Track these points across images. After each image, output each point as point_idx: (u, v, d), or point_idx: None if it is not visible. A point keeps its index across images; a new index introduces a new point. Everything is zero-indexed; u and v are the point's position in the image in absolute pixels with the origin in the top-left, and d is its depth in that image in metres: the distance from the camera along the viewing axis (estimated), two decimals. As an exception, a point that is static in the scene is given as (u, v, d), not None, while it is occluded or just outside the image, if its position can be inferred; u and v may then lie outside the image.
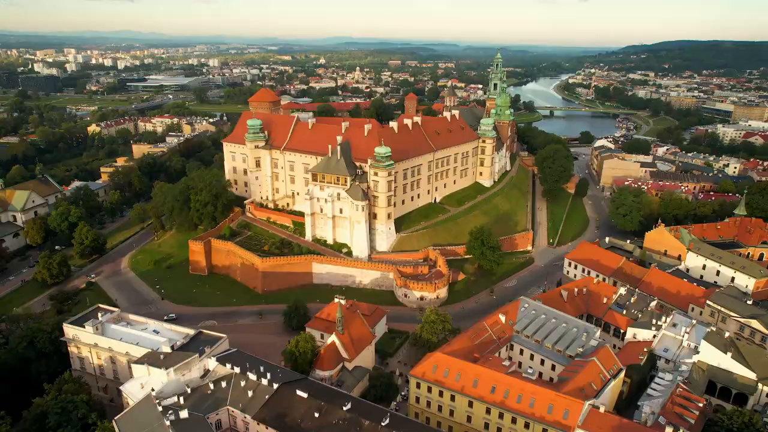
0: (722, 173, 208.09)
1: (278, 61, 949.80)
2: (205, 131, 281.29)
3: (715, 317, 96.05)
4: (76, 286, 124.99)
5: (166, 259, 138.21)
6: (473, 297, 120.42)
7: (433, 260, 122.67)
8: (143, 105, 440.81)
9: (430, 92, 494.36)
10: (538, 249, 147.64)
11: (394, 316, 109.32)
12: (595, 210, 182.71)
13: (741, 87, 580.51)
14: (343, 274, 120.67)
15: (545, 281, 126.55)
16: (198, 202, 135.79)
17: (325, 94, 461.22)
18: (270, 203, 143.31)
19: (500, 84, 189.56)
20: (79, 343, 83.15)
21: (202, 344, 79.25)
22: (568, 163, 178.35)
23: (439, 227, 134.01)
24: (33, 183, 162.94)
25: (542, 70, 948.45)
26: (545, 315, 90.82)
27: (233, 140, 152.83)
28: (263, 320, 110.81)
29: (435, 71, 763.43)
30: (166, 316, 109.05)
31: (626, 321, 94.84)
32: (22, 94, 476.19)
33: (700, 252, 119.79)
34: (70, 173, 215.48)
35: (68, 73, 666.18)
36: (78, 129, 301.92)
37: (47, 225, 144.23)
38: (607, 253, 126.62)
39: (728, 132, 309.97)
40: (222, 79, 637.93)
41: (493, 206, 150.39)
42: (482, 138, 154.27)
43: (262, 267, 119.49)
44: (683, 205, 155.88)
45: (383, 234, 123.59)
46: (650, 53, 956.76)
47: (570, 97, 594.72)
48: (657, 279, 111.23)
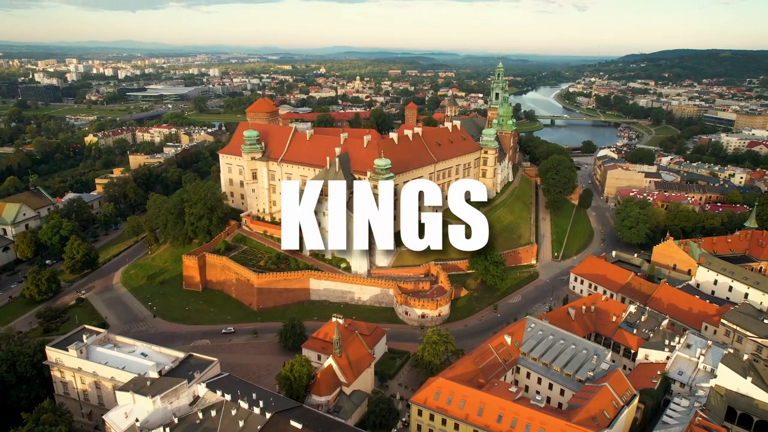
0: (728, 183, 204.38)
1: (278, 70, 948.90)
2: (203, 141, 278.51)
3: (731, 337, 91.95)
4: (65, 302, 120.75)
5: (160, 274, 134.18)
6: (476, 314, 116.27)
7: (434, 276, 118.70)
8: (142, 114, 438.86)
9: (431, 101, 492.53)
10: (543, 262, 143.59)
11: (395, 335, 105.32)
12: (600, 221, 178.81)
13: (741, 96, 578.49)
14: (342, 291, 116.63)
15: (551, 297, 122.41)
16: (192, 215, 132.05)
17: (324, 104, 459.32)
18: (267, 216, 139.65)
19: (502, 93, 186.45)
20: (62, 367, 79.01)
21: (191, 368, 75.40)
22: (571, 174, 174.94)
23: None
24: (25, 195, 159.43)
25: (542, 79, 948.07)
26: (553, 336, 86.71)
27: (230, 151, 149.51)
28: (258, 339, 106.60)
29: (435, 80, 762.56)
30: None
31: (637, 341, 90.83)
32: (22, 104, 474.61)
33: (711, 267, 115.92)
34: (65, 184, 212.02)
35: (68, 83, 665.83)
36: (75, 139, 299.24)
37: (38, 239, 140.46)
38: (614, 268, 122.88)
39: (732, 141, 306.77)
40: (222, 89, 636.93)
41: (495, 218, 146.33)
42: (484, 149, 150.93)
43: (257, 283, 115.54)
44: (691, 216, 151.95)
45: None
46: (649, 62, 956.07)
47: (571, 106, 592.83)
48: (667, 295, 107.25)
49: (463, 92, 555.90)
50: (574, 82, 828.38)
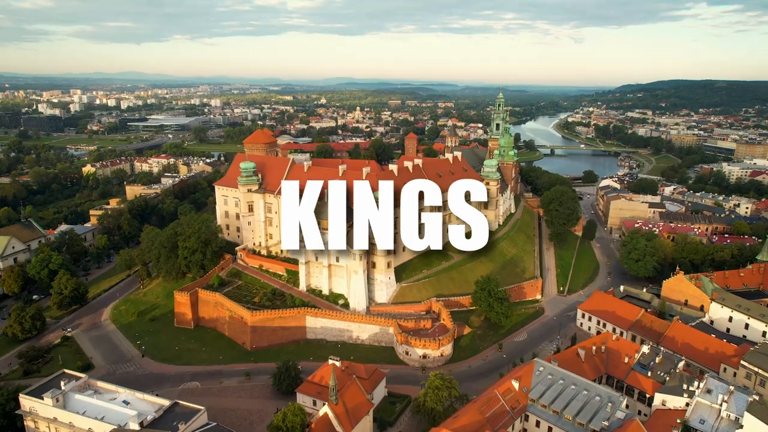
0: (734, 213, 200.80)
1: (280, 101, 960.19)
2: (201, 172, 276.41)
3: (752, 380, 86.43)
4: (50, 341, 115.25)
5: (151, 310, 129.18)
6: (480, 353, 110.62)
7: (436, 313, 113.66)
8: (142, 145, 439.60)
9: (431, 131, 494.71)
10: (548, 297, 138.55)
11: (395, 376, 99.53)
12: (605, 253, 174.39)
13: (739, 125, 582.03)
14: (339, 329, 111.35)
15: (558, 335, 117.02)
16: (186, 249, 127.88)
17: (325, 134, 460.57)
18: (263, 249, 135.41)
19: (503, 124, 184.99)
20: (36, 417, 73.51)
21: (176, 418, 70.20)
22: (575, 205, 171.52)
23: (442, 276, 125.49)
24: (15, 227, 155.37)
25: (540, 108, 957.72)
26: (563, 380, 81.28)
27: (226, 183, 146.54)
28: (251, 381, 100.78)
29: (435, 110, 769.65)
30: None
31: (652, 384, 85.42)
32: (23, 135, 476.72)
33: (725, 303, 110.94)
34: (60, 215, 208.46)
35: (71, 113, 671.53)
36: (72, 169, 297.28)
37: (26, 273, 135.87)
38: (623, 304, 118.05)
39: (734, 170, 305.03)
40: (223, 119, 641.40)
41: (498, 252, 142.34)
42: (486, 180, 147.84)
43: (251, 321, 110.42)
44: (699, 249, 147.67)
45: (383, 284, 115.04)
46: (646, 92, 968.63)
47: (570, 136, 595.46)
48: (681, 334, 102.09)
49: (462, 122, 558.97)
50: (572, 112, 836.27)
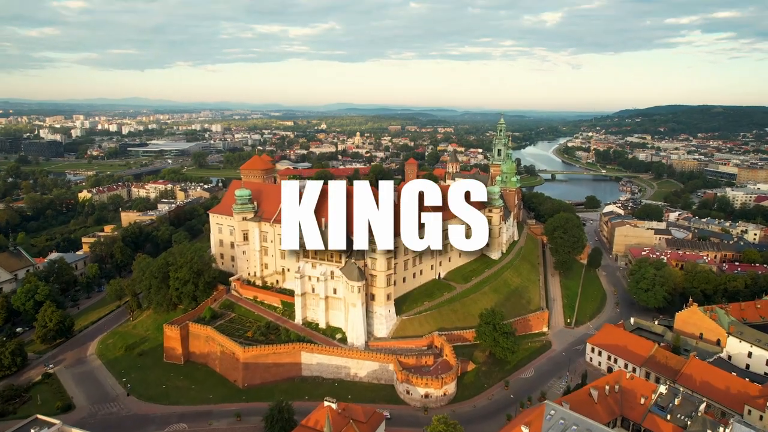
0: (743, 240, 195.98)
1: (280, 126, 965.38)
2: (198, 198, 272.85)
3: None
4: (30, 378, 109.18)
5: (140, 344, 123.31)
6: (485, 391, 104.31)
7: (438, 348, 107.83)
8: (141, 170, 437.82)
9: (431, 157, 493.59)
10: (555, 330, 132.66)
11: (395, 417, 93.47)
12: (611, 282, 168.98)
13: (739, 149, 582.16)
14: (337, 365, 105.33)
15: (567, 372, 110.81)
16: (177, 279, 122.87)
17: (324, 159, 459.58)
18: (258, 280, 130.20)
19: (504, 150, 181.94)
20: (4, 470, 67.54)
21: (156, 471, 63.85)
22: (580, 233, 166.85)
23: (444, 308, 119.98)
24: (2, 256, 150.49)
25: (540, 134, 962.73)
26: (576, 426, 75.12)
27: (220, 211, 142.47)
28: (241, 423, 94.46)
29: (434, 136, 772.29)
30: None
31: (672, 429, 79.10)
32: (23, 160, 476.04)
33: (743, 337, 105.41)
34: (52, 242, 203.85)
35: (72, 139, 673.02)
36: (68, 195, 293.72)
37: (10, 304, 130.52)
38: (635, 338, 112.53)
39: (738, 195, 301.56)
40: (223, 144, 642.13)
41: (502, 282, 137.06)
42: (488, 207, 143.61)
43: (243, 357, 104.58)
44: (711, 278, 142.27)
45: (382, 318, 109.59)
46: (644, 117, 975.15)
47: (570, 161, 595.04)
48: (699, 371, 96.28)
49: (462, 147, 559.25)
50: (571, 137, 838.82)
